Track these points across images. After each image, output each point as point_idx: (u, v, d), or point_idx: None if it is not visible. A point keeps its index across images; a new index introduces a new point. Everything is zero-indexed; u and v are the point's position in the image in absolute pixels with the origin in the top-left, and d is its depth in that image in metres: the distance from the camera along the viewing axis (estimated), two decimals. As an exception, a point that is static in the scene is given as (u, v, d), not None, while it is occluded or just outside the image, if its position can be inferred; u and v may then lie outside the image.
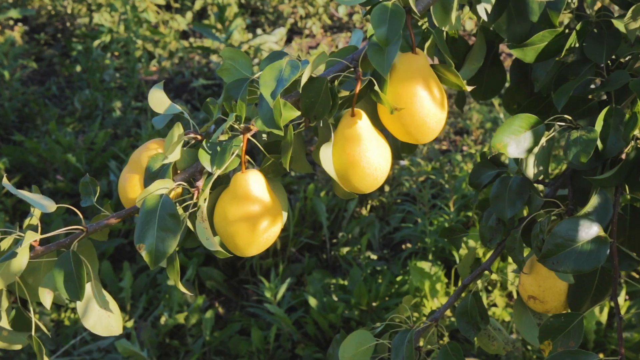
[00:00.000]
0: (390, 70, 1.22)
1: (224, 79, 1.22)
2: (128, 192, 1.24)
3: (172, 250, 1.13)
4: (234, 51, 1.23)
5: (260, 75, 1.13)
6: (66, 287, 1.13)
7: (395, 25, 1.15)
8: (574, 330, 1.35)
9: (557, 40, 1.44)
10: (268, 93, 1.09)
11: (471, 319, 1.55)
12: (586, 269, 1.28)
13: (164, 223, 1.13)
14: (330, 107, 1.20)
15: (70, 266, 1.13)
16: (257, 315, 3.26)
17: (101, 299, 1.22)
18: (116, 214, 1.20)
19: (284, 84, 1.10)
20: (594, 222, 1.32)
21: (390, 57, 1.15)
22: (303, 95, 1.20)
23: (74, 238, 1.18)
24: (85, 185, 1.25)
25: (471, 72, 1.56)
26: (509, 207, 1.49)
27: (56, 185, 3.98)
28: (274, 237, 1.25)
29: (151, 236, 1.13)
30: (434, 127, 1.26)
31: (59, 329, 3.18)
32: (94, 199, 1.24)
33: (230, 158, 1.16)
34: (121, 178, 1.25)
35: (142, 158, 1.24)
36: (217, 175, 1.17)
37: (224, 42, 5.15)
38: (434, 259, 3.29)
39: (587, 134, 1.36)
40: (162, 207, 1.14)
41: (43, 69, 5.44)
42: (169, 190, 1.17)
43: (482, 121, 4.38)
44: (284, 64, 1.14)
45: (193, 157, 1.23)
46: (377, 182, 1.26)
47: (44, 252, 1.16)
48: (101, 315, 1.21)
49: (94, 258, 1.24)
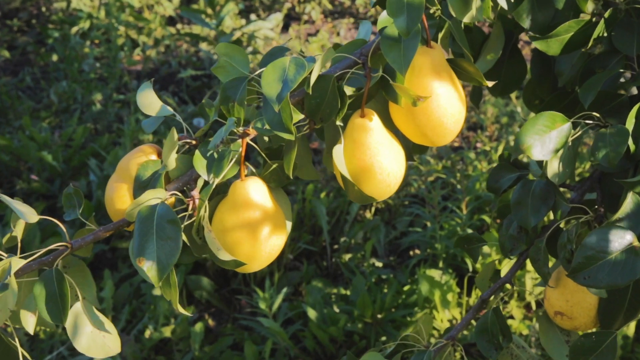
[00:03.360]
0: (402, 66, 1.21)
1: (219, 77, 1.21)
2: (116, 203, 1.22)
3: (176, 261, 1.11)
4: (230, 47, 1.22)
5: (262, 75, 1.12)
6: (48, 308, 1.12)
7: (414, 13, 1.13)
8: (607, 350, 1.35)
9: (583, 30, 1.43)
10: (273, 96, 1.08)
11: (492, 337, 1.54)
12: (621, 282, 1.27)
13: (163, 232, 1.11)
14: (338, 108, 1.19)
15: (53, 286, 1.12)
16: (251, 329, 3.25)
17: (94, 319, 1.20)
18: (103, 228, 1.19)
19: (290, 85, 1.09)
20: (626, 231, 1.31)
21: (409, 52, 1.14)
22: (308, 95, 1.19)
23: (57, 255, 1.17)
24: (68, 196, 1.23)
25: (488, 64, 1.55)
26: (533, 214, 1.48)
27: (30, 185, 3.96)
28: (277, 251, 1.24)
29: (152, 248, 1.11)
30: (451, 128, 1.25)
31: (34, 343, 3.17)
32: (79, 211, 1.22)
33: (228, 165, 1.15)
34: (108, 187, 1.24)
35: (131, 166, 1.23)
36: (215, 184, 1.15)
37: (215, 28, 5.14)
38: (445, 267, 3.29)
39: (617, 132, 1.35)
40: (159, 215, 1.12)
41: (16, 58, 5.42)
42: (162, 201, 1.16)
43: (497, 115, 4.37)
44: (287, 62, 1.13)
45: (187, 164, 1.22)
46: (391, 189, 1.25)
47: (25, 272, 1.15)
48: (95, 336, 1.19)
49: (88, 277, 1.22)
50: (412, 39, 1.15)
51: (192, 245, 1.21)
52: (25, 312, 1.16)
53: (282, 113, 1.11)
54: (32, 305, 1.15)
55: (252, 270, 1.23)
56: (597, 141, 1.36)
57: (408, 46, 1.15)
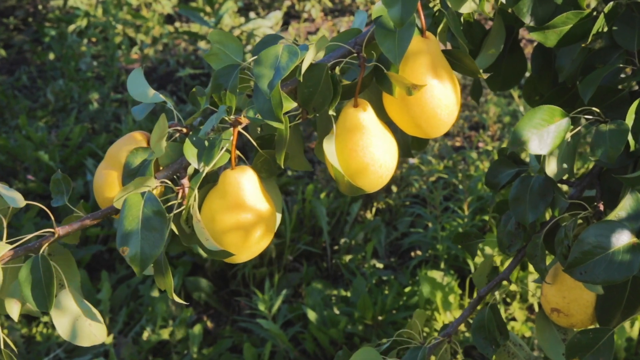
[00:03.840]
0: (396, 55, 1.22)
1: (212, 65, 1.22)
2: (105, 190, 1.23)
3: (160, 252, 1.12)
4: (223, 34, 1.22)
5: (254, 62, 1.12)
6: (33, 295, 1.12)
7: (409, 4, 1.13)
8: (604, 347, 1.35)
9: (583, 24, 1.44)
10: (265, 83, 1.09)
11: (489, 334, 1.54)
12: (618, 279, 1.27)
13: (148, 222, 1.12)
14: (332, 98, 1.20)
15: (39, 272, 1.13)
16: (250, 331, 3.25)
17: (81, 306, 1.20)
18: (91, 215, 1.19)
19: (282, 72, 1.10)
20: (625, 227, 1.31)
21: (403, 42, 1.14)
22: (301, 84, 1.19)
23: (44, 242, 1.18)
24: (56, 182, 1.24)
25: (488, 59, 1.56)
26: (531, 210, 1.49)
27: (27, 185, 3.97)
28: (267, 242, 1.25)
29: (136, 237, 1.12)
30: (445, 119, 1.26)
31: (30, 345, 3.17)
32: (66, 198, 1.23)
33: (219, 153, 1.16)
34: (97, 175, 1.24)
35: (121, 153, 1.23)
36: (205, 172, 1.16)
37: (213, 27, 5.15)
38: (447, 268, 3.29)
39: (617, 128, 1.35)
40: (145, 204, 1.13)
41: (12, 57, 5.43)
42: (151, 189, 1.16)
43: (499, 115, 4.37)
44: (280, 49, 1.13)
45: (177, 152, 1.22)
46: (382, 181, 1.26)
47: (11, 258, 1.16)
48: (81, 324, 1.20)
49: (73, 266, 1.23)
50: (407, 29, 1.15)
51: (181, 234, 1.21)
52: (10, 299, 1.16)
53: (272, 101, 1.11)
54: (16, 292, 1.16)
55: (241, 260, 1.24)
56: (596, 137, 1.36)
57: (403, 36, 1.16)
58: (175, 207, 1.19)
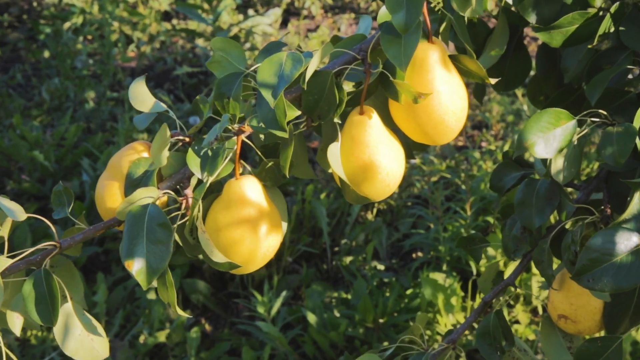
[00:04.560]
0: (403, 62, 1.22)
1: (214, 73, 1.21)
2: (107, 201, 1.23)
3: (166, 265, 1.12)
4: (226, 41, 1.22)
5: (258, 70, 1.12)
6: (37, 310, 1.12)
7: (414, 8, 1.13)
8: (613, 355, 1.34)
9: (589, 24, 1.44)
10: (269, 92, 1.09)
11: (494, 341, 1.54)
12: (626, 286, 1.27)
13: (153, 235, 1.12)
14: (337, 105, 1.19)
15: (42, 287, 1.12)
16: (249, 334, 3.25)
17: (82, 321, 1.20)
18: (93, 228, 1.19)
19: (286, 81, 1.10)
20: (633, 232, 1.31)
21: (409, 48, 1.14)
22: (305, 91, 1.19)
23: (46, 255, 1.17)
24: (58, 194, 1.24)
25: (492, 59, 1.55)
26: (537, 214, 1.48)
27: (21, 186, 3.97)
28: (273, 252, 1.24)
29: (141, 251, 1.12)
30: (453, 127, 1.25)
31: (25, 348, 3.17)
32: (68, 210, 1.23)
33: (223, 163, 1.15)
34: (98, 185, 1.24)
35: (123, 163, 1.23)
36: (209, 182, 1.16)
37: (211, 24, 5.14)
38: (449, 270, 3.29)
39: (624, 131, 1.35)
40: (149, 217, 1.13)
41: (7, 55, 5.43)
42: (154, 199, 1.16)
43: (503, 114, 4.37)
44: (284, 57, 1.13)
45: (180, 162, 1.22)
46: (390, 189, 1.25)
47: (12, 272, 1.16)
48: (83, 339, 1.20)
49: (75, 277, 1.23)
50: (413, 35, 1.15)
51: (185, 246, 1.21)
52: (12, 313, 1.16)
53: (276, 110, 1.11)
54: (18, 306, 1.16)
55: (247, 272, 1.24)
56: (603, 140, 1.36)
57: (408, 42, 1.15)
58: (179, 217, 1.19)
